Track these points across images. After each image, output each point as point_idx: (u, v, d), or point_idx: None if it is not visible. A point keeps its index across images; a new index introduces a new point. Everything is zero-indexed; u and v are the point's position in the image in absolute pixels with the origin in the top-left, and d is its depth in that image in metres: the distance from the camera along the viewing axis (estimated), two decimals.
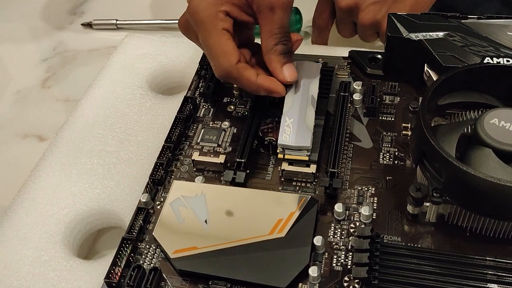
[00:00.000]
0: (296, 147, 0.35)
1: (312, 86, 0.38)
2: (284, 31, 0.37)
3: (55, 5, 0.65)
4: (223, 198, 0.34)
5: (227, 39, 0.36)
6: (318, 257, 0.31)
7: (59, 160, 0.40)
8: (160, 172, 0.36)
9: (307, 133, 0.35)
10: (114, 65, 0.48)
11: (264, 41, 0.37)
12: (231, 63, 0.36)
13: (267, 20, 0.36)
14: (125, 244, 0.32)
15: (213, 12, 0.36)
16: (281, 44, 0.37)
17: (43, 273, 0.34)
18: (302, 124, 0.36)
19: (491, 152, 0.30)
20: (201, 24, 0.36)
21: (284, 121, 0.36)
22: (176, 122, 0.39)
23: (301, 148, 0.35)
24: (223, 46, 0.36)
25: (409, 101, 0.40)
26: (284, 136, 0.35)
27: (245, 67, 0.37)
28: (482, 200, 0.29)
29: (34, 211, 0.37)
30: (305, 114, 0.36)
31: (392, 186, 0.35)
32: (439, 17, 0.39)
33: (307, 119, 0.36)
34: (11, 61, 0.59)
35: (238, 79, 0.37)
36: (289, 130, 0.36)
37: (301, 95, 0.38)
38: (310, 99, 0.37)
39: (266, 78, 0.37)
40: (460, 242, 0.31)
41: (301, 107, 0.37)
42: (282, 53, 0.37)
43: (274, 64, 0.37)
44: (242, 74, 0.36)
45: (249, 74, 0.36)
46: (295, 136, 0.35)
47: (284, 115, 0.36)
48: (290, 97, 0.38)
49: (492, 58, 0.35)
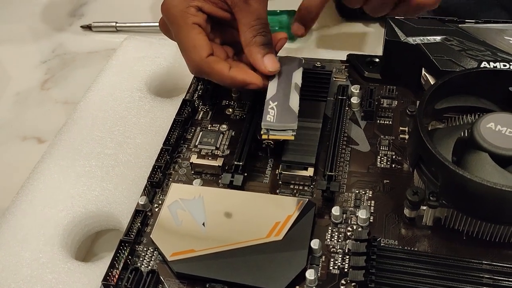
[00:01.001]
0: (281, 127, 0.35)
1: (295, 76, 0.38)
2: (262, 22, 0.37)
3: (55, 7, 0.65)
4: (221, 201, 0.34)
5: (197, 33, 0.36)
6: (315, 260, 0.31)
7: (58, 162, 0.40)
8: (158, 174, 0.36)
9: (292, 113, 0.35)
10: (113, 67, 0.48)
11: (242, 35, 0.37)
12: (201, 57, 0.36)
13: (243, 13, 0.37)
14: (123, 247, 0.33)
15: (184, 8, 0.37)
16: (260, 35, 0.37)
17: (41, 275, 0.34)
18: (286, 106, 0.35)
19: (488, 156, 0.30)
20: (173, 19, 0.37)
21: (268, 105, 0.36)
22: (174, 125, 0.39)
23: (286, 128, 0.35)
24: (193, 40, 0.36)
25: (407, 105, 0.40)
26: (268, 117, 0.35)
27: (217, 61, 0.37)
28: (479, 204, 0.29)
29: (33, 213, 0.37)
30: (289, 98, 0.36)
31: (389, 189, 0.35)
32: (437, 22, 0.39)
33: (292, 102, 0.36)
34: (10, 63, 0.59)
35: (210, 73, 0.37)
36: (273, 111, 0.35)
37: (284, 82, 0.37)
38: (294, 86, 0.37)
39: (239, 70, 0.37)
40: (456, 245, 0.32)
41: (284, 92, 0.37)
42: (262, 44, 0.37)
43: (255, 55, 0.37)
44: (213, 67, 0.36)
45: (221, 67, 0.36)
46: (279, 116, 0.35)
47: (267, 101, 0.36)
48: (273, 86, 0.37)
49: (489, 62, 0.35)
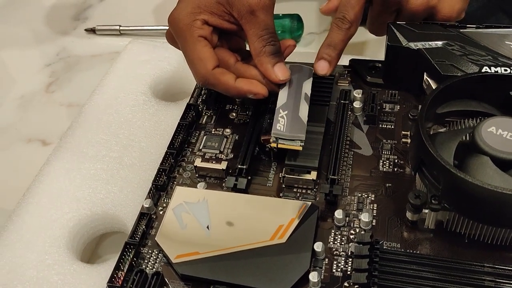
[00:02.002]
0: (290, 137, 0.36)
1: (305, 85, 0.39)
2: (270, 32, 0.37)
3: (59, 10, 0.66)
4: (224, 204, 0.35)
5: (203, 46, 0.37)
6: (318, 263, 0.32)
7: (63, 165, 0.41)
8: (162, 178, 0.37)
9: (301, 124, 0.36)
10: (117, 71, 0.48)
11: (252, 46, 0.38)
12: (207, 69, 0.37)
13: (251, 24, 0.37)
14: (128, 249, 0.33)
15: (190, 21, 0.37)
16: (269, 45, 0.37)
17: (47, 277, 0.34)
18: (296, 116, 0.36)
19: (489, 160, 0.30)
20: (180, 32, 0.38)
21: (278, 113, 0.37)
22: (178, 129, 0.40)
23: (295, 138, 0.36)
24: (199, 53, 0.37)
25: (409, 109, 0.40)
26: (278, 126, 0.36)
27: (222, 72, 0.38)
28: (480, 208, 0.30)
29: (38, 216, 0.37)
30: (299, 108, 0.37)
31: (391, 193, 0.35)
32: (438, 27, 0.40)
33: (301, 113, 0.37)
34: (15, 66, 0.59)
35: (216, 85, 0.38)
36: (283, 120, 0.36)
37: (294, 92, 0.38)
38: (303, 95, 0.38)
39: (244, 81, 0.38)
40: (458, 248, 0.32)
41: (295, 102, 0.37)
42: (272, 53, 0.37)
43: (265, 65, 0.38)
44: (219, 79, 0.37)
45: (227, 78, 0.37)
46: (289, 126, 0.36)
47: (277, 109, 0.37)
48: (283, 94, 0.38)
49: (490, 67, 0.36)
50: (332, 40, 0.40)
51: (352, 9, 0.40)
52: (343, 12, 0.40)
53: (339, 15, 0.40)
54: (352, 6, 0.40)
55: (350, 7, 0.40)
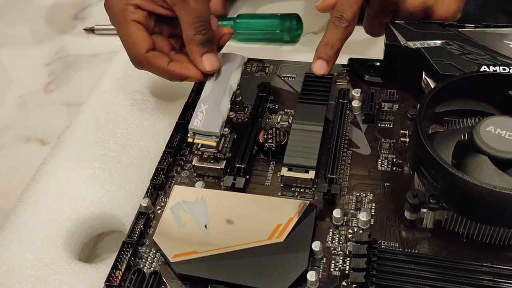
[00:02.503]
0: (205, 132, 0.36)
1: (232, 77, 0.39)
2: (201, 20, 0.38)
3: (58, 10, 0.66)
4: (223, 203, 0.35)
5: (136, 30, 0.38)
6: (316, 262, 0.32)
7: (61, 164, 0.40)
8: (161, 177, 0.37)
9: (218, 119, 0.36)
10: (115, 70, 0.48)
11: (183, 32, 0.38)
12: (140, 52, 0.38)
13: (182, 11, 0.38)
14: (125, 248, 0.33)
15: (123, 6, 0.38)
16: (199, 34, 0.38)
17: (45, 276, 0.34)
18: (215, 111, 0.37)
19: (487, 159, 0.30)
20: (114, 17, 0.39)
21: (199, 107, 0.37)
22: (177, 128, 0.40)
23: (210, 134, 0.36)
24: (132, 36, 0.38)
25: (408, 108, 0.40)
26: (196, 121, 0.36)
27: (156, 56, 0.38)
28: (478, 207, 0.30)
29: (36, 215, 0.37)
30: (220, 102, 0.37)
31: (390, 192, 0.35)
32: (437, 26, 0.40)
33: (221, 107, 0.37)
34: (14, 65, 0.59)
35: (150, 67, 0.39)
36: (202, 115, 0.37)
37: (219, 84, 0.39)
38: (227, 88, 0.38)
39: (177, 65, 0.38)
40: (456, 248, 0.32)
41: (217, 95, 0.38)
42: (201, 43, 0.38)
43: (194, 54, 0.38)
44: (152, 62, 0.38)
45: (160, 62, 0.38)
46: (205, 122, 0.36)
47: (199, 102, 0.38)
48: (209, 85, 0.39)
49: (488, 66, 0.36)
50: (329, 39, 0.40)
51: (350, 8, 0.39)
52: (340, 11, 0.40)
53: (336, 14, 0.40)
54: (350, 5, 0.40)
55: (348, 6, 0.40)
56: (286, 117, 0.41)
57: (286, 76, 0.45)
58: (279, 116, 0.41)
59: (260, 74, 0.45)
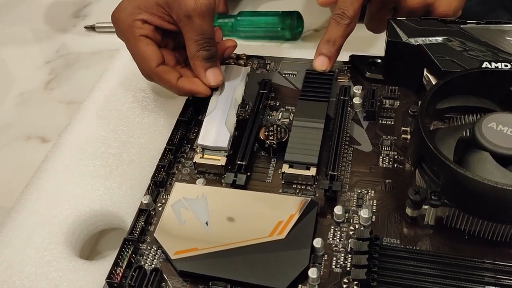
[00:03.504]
0: (214, 148, 0.37)
1: (237, 90, 0.40)
2: (205, 37, 0.38)
3: (59, 8, 0.66)
4: (224, 200, 0.35)
5: (145, 45, 0.39)
6: (317, 259, 0.32)
7: (62, 162, 0.40)
8: (161, 174, 0.37)
9: (226, 135, 0.37)
10: (116, 68, 0.48)
11: (187, 48, 0.39)
12: (151, 67, 0.39)
13: (187, 28, 0.38)
14: (126, 245, 0.33)
15: (130, 22, 0.39)
16: (203, 50, 0.39)
17: (46, 273, 0.34)
18: (222, 126, 0.37)
19: (489, 156, 0.30)
20: (122, 32, 0.40)
21: (206, 123, 0.38)
22: (177, 125, 0.40)
23: (219, 149, 0.37)
24: (142, 51, 0.39)
25: (409, 105, 0.40)
26: (204, 137, 0.37)
27: (166, 71, 0.39)
28: (480, 203, 0.29)
29: (37, 212, 0.37)
30: (226, 116, 0.38)
31: (391, 189, 0.35)
32: (438, 22, 0.40)
33: (228, 122, 0.38)
34: (14, 63, 0.59)
35: (160, 82, 0.40)
36: (209, 131, 0.37)
37: (224, 98, 0.39)
38: (233, 102, 0.39)
39: (187, 81, 0.39)
40: (458, 244, 0.32)
41: (223, 110, 0.39)
42: (205, 58, 0.39)
43: (198, 69, 0.39)
44: (162, 77, 0.39)
45: (170, 77, 0.39)
46: (213, 137, 0.37)
47: (206, 117, 0.38)
48: (214, 99, 0.40)
49: (490, 62, 0.36)
50: (331, 36, 0.40)
51: (352, 5, 0.39)
52: (342, 8, 0.40)
53: (338, 11, 0.40)
54: (352, 2, 0.40)
55: (350, 3, 0.40)
56: (287, 114, 0.41)
57: (287, 73, 0.45)
58: (280, 113, 0.41)
59: (261, 71, 0.45)
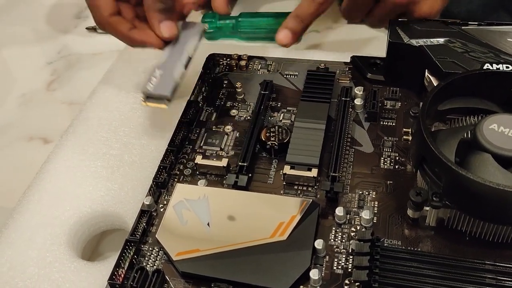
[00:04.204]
0: (156, 95, 0.37)
1: (190, 45, 0.40)
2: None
3: (60, 9, 0.66)
4: (225, 201, 0.35)
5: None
6: (319, 260, 0.32)
7: (64, 163, 0.41)
8: (163, 175, 0.37)
9: (170, 84, 0.37)
10: (118, 69, 0.48)
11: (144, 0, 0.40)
12: (103, 16, 0.40)
13: None
14: (128, 246, 0.33)
15: None
16: (159, 2, 0.39)
17: (48, 274, 0.34)
18: (169, 76, 0.37)
19: (490, 157, 0.30)
20: None
21: (153, 72, 0.38)
22: (179, 126, 0.40)
23: (161, 97, 0.37)
24: (96, 1, 0.40)
25: (410, 106, 0.40)
26: (149, 85, 0.37)
27: (118, 21, 0.40)
28: (481, 205, 0.30)
29: (39, 213, 0.37)
30: (174, 68, 0.38)
31: (392, 190, 0.35)
32: (440, 24, 0.40)
33: (175, 72, 0.38)
34: (16, 64, 0.59)
35: (112, 31, 0.40)
36: (155, 80, 0.37)
37: (176, 51, 0.40)
38: (184, 55, 0.39)
39: (139, 32, 0.40)
40: (459, 246, 0.32)
41: (172, 61, 0.39)
42: (160, 10, 0.39)
43: (152, 20, 0.39)
44: (114, 27, 0.40)
45: (122, 27, 0.40)
46: (157, 85, 0.37)
47: (154, 67, 0.38)
48: (166, 52, 0.40)
49: (492, 64, 0.36)
50: (301, 12, 0.40)
51: None
52: None
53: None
54: None
55: None
56: (288, 115, 0.41)
57: (289, 74, 0.45)
58: (282, 114, 0.41)
59: (262, 72, 0.45)
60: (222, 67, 0.46)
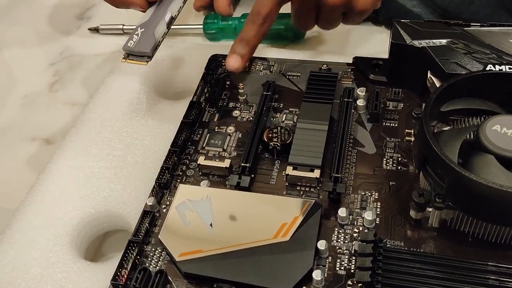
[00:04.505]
0: (137, 52, 0.37)
1: (173, 5, 0.40)
2: None
3: (62, 10, 0.66)
4: (228, 202, 0.35)
5: None
6: (321, 261, 0.32)
7: (67, 164, 0.41)
8: (166, 176, 0.37)
9: (151, 41, 0.37)
10: (120, 69, 0.48)
11: None
12: None
13: None
14: (131, 247, 0.33)
15: None
16: None
17: (51, 275, 0.34)
18: (150, 34, 0.37)
19: (493, 158, 0.30)
20: None
21: (135, 30, 0.38)
22: (182, 127, 0.40)
23: (142, 54, 0.37)
24: None
25: (413, 107, 0.40)
26: (130, 42, 0.37)
27: None
28: (484, 206, 0.30)
29: (42, 214, 0.37)
30: (156, 27, 0.38)
31: (395, 191, 0.35)
32: (442, 25, 0.40)
33: (156, 31, 0.38)
34: (18, 65, 0.59)
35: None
36: (137, 38, 0.37)
37: (159, 10, 0.40)
38: (166, 15, 0.39)
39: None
40: (462, 247, 0.32)
41: (155, 20, 0.39)
42: None
43: None
44: None
45: None
46: (138, 43, 0.37)
47: (136, 27, 0.39)
48: (149, 12, 0.40)
49: (494, 65, 0.36)
50: (245, 35, 0.41)
51: (267, 5, 0.40)
52: (257, 7, 0.40)
53: (253, 10, 0.41)
54: (268, 1, 0.40)
55: (265, 2, 0.40)
56: (291, 116, 0.41)
57: (291, 75, 0.45)
58: (284, 115, 0.41)
59: (264, 73, 0.45)
60: (224, 68, 0.46)
